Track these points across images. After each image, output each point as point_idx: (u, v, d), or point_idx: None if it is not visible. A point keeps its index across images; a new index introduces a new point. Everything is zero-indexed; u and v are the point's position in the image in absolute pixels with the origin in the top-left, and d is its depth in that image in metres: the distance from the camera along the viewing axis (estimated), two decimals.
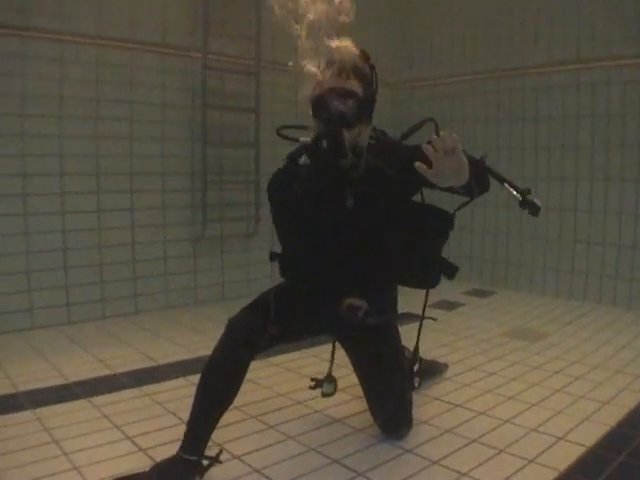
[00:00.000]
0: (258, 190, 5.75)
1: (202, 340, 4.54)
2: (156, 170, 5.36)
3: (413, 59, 7.35)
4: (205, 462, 2.48)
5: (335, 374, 3.10)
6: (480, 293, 6.46)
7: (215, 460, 2.51)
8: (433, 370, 3.86)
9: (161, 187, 5.40)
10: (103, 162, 5.03)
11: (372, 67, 2.52)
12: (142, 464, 2.57)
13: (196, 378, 2.80)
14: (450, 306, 5.74)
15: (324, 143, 2.35)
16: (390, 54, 7.28)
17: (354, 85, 2.41)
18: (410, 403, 3.01)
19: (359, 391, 3.24)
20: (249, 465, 2.65)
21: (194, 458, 2.44)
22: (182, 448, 2.46)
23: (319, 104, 2.41)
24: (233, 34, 5.68)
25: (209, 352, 2.56)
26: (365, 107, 2.45)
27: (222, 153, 5.74)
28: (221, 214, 5.74)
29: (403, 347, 3.16)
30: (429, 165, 2.07)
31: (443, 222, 2.65)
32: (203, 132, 5.48)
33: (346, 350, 3.03)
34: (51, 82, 4.72)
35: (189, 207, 5.61)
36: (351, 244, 2.58)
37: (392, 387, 2.88)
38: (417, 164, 2.08)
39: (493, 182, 2.66)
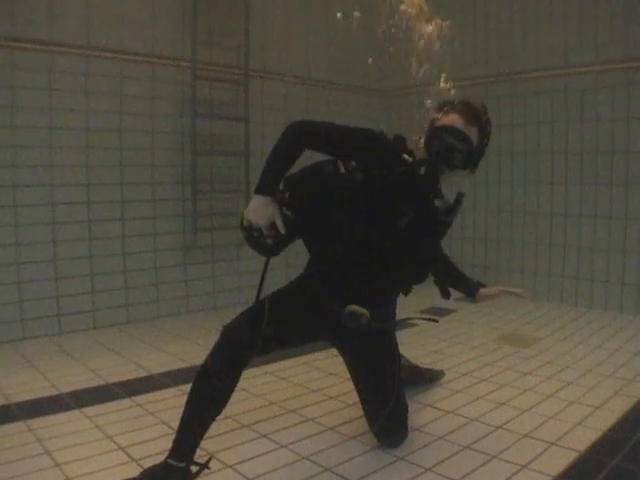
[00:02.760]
0: (248, 199, 5.73)
1: (194, 349, 4.54)
2: (146, 180, 5.35)
3: (403, 65, 7.37)
4: (194, 469, 2.48)
5: (326, 382, 3.10)
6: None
7: (204, 467, 2.50)
8: (428, 377, 3.86)
9: (151, 197, 5.40)
10: (93, 172, 5.02)
11: (488, 121, 2.62)
12: (134, 474, 2.56)
13: (188, 387, 2.79)
14: (441, 312, 5.74)
15: (422, 170, 2.47)
16: (378, 61, 7.30)
17: (473, 133, 2.50)
18: (406, 410, 3.02)
19: (350, 399, 3.25)
20: (242, 474, 2.65)
21: (182, 465, 2.43)
22: (170, 454, 2.44)
23: (435, 136, 2.50)
24: (222, 44, 5.70)
25: (200, 361, 2.56)
26: (474, 156, 2.54)
27: (212, 162, 5.75)
28: (212, 223, 5.75)
29: (400, 355, 3.17)
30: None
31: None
32: (193, 141, 5.48)
33: (343, 355, 3.03)
34: (40, 93, 4.71)
35: (180, 216, 5.61)
36: (383, 258, 2.60)
37: (388, 392, 2.89)
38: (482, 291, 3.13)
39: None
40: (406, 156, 2.59)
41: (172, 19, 5.44)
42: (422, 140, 2.58)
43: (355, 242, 2.58)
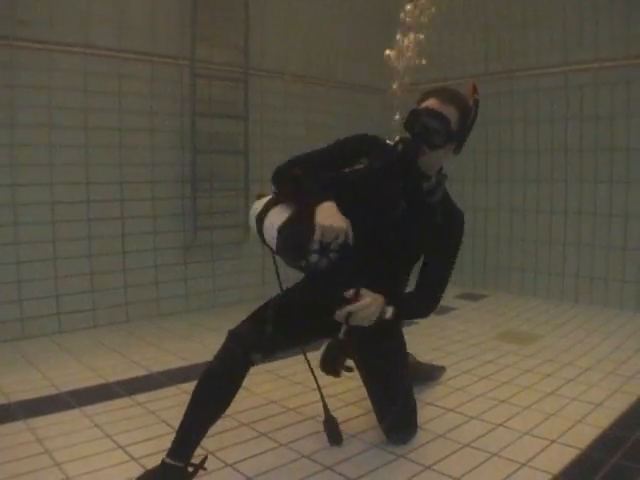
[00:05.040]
0: (248, 197, 5.74)
1: (194, 348, 4.54)
2: (146, 178, 5.35)
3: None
4: (190, 469, 2.48)
5: (326, 381, 3.08)
6: (472, 296, 6.47)
7: (199, 467, 2.50)
8: (429, 374, 3.86)
9: (151, 195, 5.39)
10: (93, 171, 5.02)
11: (476, 101, 2.66)
12: (134, 473, 2.55)
13: (188, 386, 2.77)
14: (442, 310, 5.74)
15: (399, 147, 2.56)
16: (378, 59, 7.30)
17: (450, 112, 2.56)
18: (415, 406, 3.04)
19: (350, 397, 3.25)
20: (241, 473, 2.65)
21: (180, 464, 2.43)
22: (169, 453, 2.45)
23: (412, 117, 2.58)
24: (221, 42, 5.70)
25: (200, 360, 2.57)
26: (453, 135, 2.58)
27: (212, 160, 5.74)
28: (211, 221, 5.74)
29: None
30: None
31: None
32: (192, 140, 5.48)
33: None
34: (40, 91, 4.71)
35: (179, 215, 5.60)
36: (379, 247, 2.62)
37: (398, 387, 2.90)
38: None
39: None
40: (389, 141, 2.67)
41: (171, 17, 5.43)
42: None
43: (366, 238, 2.57)
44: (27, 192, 4.69)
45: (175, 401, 3.45)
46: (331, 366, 2.67)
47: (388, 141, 2.69)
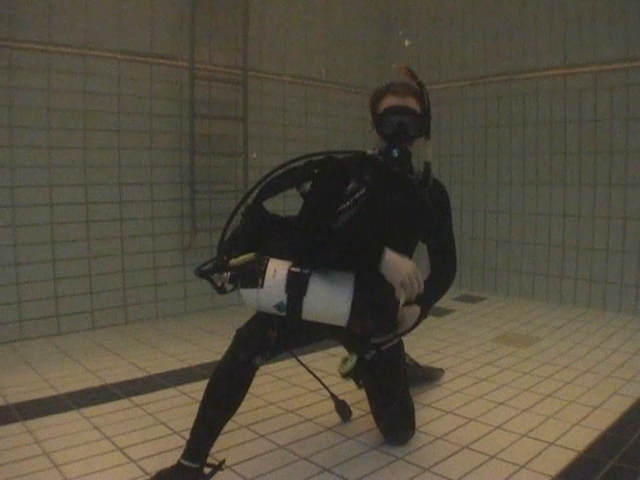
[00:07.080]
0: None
1: (192, 350, 4.53)
2: (145, 180, 5.35)
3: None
4: (207, 470, 2.49)
5: (324, 382, 3.09)
6: (470, 299, 6.47)
7: (217, 468, 2.50)
8: (427, 376, 3.86)
9: (150, 197, 5.39)
10: (91, 172, 5.02)
11: (421, 84, 2.66)
12: (133, 475, 2.57)
13: (187, 388, 2.76)
14: (440, 312, 5.74)
15: (395, 153, 2.57)
16: (376, 61, 7.30)
17: (411, 102, 2.62)
18: (413, 407, 3.04)
19: (349, 399, 3.25)
20: (240, 475, 2.64)
21: (196, 466, 2.44)
22: (184, 455, 2.46)
23: (381, 121, 2.63)
24: (220, 43, 5.71)
25: (199, 362, 2.56)
26: (422, 121, 2.64)
27: (210, 162, 5.75)
28: (210, 223, 5.73)
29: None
30: None
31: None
32: (191, 141, 5.48)
33: (349, 352, 3.02)
34: (39, 93, 4.71)
35: (178, 217, 5.60)
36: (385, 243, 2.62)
37: (395, 388, 2.90)
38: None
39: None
40: (369, 151, 2.69)
41: (170, 19, 5.44)
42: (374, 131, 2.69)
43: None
44: (26, 193, 4.69)
45: (174, 403, 3.46)
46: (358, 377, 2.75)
47: (369, 151, 2.70)
